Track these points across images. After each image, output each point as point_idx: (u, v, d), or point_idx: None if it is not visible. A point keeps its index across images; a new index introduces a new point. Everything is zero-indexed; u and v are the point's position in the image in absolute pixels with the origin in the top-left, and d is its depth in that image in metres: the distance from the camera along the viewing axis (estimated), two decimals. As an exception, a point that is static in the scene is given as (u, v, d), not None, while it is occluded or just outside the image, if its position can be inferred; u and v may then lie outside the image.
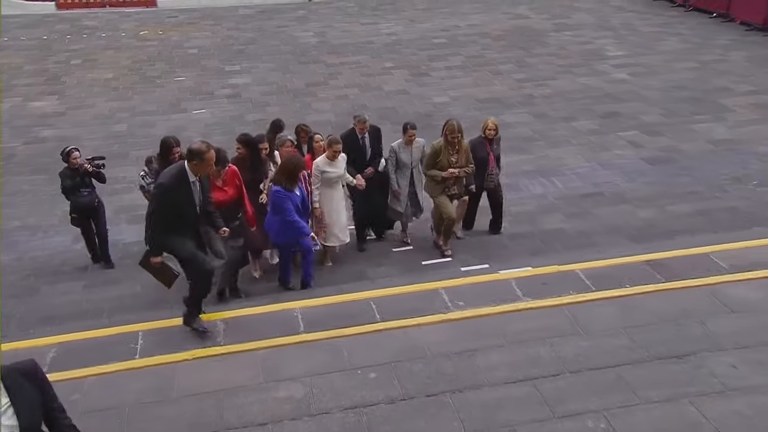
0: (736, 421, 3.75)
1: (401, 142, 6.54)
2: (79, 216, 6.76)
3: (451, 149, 6.32)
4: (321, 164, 6.13)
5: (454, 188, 6.48)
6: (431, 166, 6.39)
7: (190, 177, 4.42)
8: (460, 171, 6.35)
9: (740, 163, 8.48)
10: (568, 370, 4.21)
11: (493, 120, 6.85)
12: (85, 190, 6.67)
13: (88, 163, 6.66)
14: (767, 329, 4.42)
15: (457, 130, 6.26)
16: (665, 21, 14.75)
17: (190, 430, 3.85)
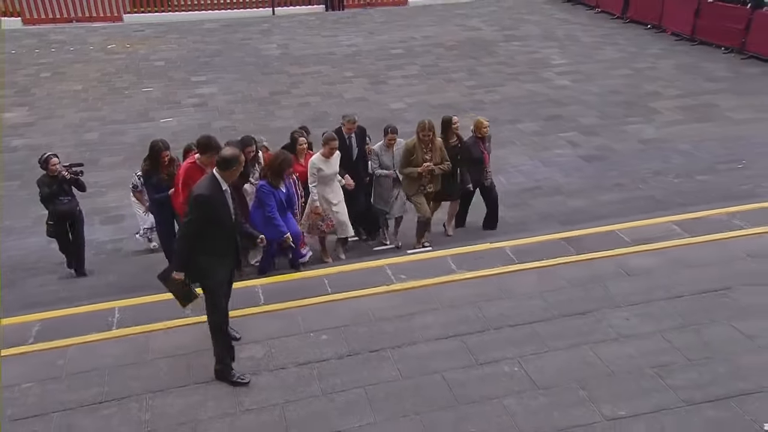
0: (624, 360, 4.52)
1: (382, 145, 6.70)
2: (57, 223, 6.63)
3: (425, 147, 6.46)
4: (317, 162, 6.16)
5: (430, 186, 6.61)
6: (406, 164, 6.53)
7: (223, 186, 4.25)
8: (436, 167, 6.49)
9: (663, 159, 9.42)
10: (491, 327, 4.93)
11: (486, 119, 7.07)
12: (64, 197, 6.57)
13: (66, 170, 6.56)
14: (655, 289, 5.23)
15: (428, 128, 6.38)
16: (605, 32, 15.86)
17: (162, 385, 4.45)
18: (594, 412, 4.11)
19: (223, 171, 4.23)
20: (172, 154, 6.21)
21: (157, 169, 6.05)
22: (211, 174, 4.28)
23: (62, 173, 6.45)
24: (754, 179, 8.28)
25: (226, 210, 4.28)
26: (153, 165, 6.03)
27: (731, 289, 5.18)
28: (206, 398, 4.32)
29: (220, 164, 4.24)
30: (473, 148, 6.95)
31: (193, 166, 5.41)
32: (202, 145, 5.35)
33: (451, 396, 4.29)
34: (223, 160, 4.24)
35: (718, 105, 11.27)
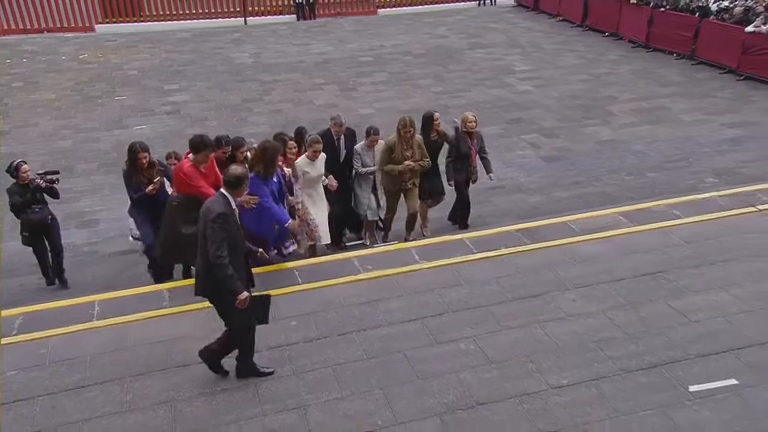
0: (570, 336, 4.97)
1: (364, 145, 6.71)
2: (32, 234, 6.46)
3: (405, 144, 6.49)
4: (302, 164, 6.17)
5: (410, 182, 6.69)
6: (386, 161, 6.55)
7: (232, 204, 4.29)
8: (416, 164, 6.56)
9: (618, 158, 9.98)
10: (450, 310, 5.34)
11: (473, 114, 7.06)
12: (36, 206, 6.37)
13: (41, 177, 6.37)
14: (600, 273, 5.70)
15: (409, 124, 6.41)
16: (566, 39, 16.55)
17: (142, 369, 4.74)
18: (541, 381, 4.53)
19: (232, 189, 4.26)
20: (153, 158, 6.18)
21: (136, 170, 6.03)
22: (220, 193, 4.28)
23: (37, 181, 6.31)
24: (698, 175, 8.90)
25: (237, 227, 4.30)
26: (131, 166, 6.03)
27: (668, 271, 5.68)
28: (184, 380, 4.63)
29: (229, 183, 4.25)
30: (461, 143, 6.95)
31: (192, 166, 5.44)
32: (195, 144, 5.38)
33: (412, 372, 4.67)
34: (235, 178, 4.24)
35: (670, 108, 11.93)
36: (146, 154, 6.01)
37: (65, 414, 4.34)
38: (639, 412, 4.24)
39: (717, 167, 9.14)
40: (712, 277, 5.56)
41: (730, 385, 4.40)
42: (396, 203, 6.93)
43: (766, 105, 11.58)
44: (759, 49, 12.47)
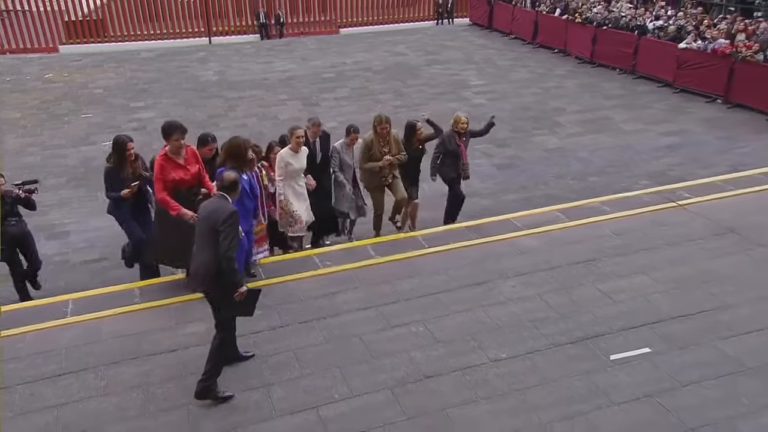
0: (509, 317, 5.51)
1: (343, 144, 6.81)
2: (9, 247, 6.24)
3: (382, 140, 6.68)
4: (285, 155, 6.23)
5: (390, 177, 6.87)
6: (366, 159, 6.73)
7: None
8: (394, 158, 6.76)
9: (564, 165, 10.73)
10: (402, 298, 5.84)
11: (465, 115, 7.32)
12: (12, 218, 6.20)
13: (19, 188, 6.23)
14: (538, 263, 6.29)
15: (385, 121, 6.63)
16: (518, 56, 17.50)
17: (115, 358, 5.09)
18: (482, 356, 5.06)
19: (230, 193, 4.48)
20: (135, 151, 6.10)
21: (124, 165, 5.90)
22: (223, 199, 4.45)
23: (15, 192, 6.19)
24: (633, 178, 9.67)
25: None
26: (119, 160, 5.87)
27: (597, 259, 6.31)
28: (155, 366, 4.99)
29: (226, 188, 4.47)
30: (449, 141, 7.15)
31: (163, 159, 5.44)
32: (163, 131, 5.39)
33: (367, 352, 5.14)
34: (231, 182, 4.48)
35: (612, 118, 12.81)
36: (133, 145, 5.97)
37: (43, 399, 4.66)
38: (566, 378, 4.79)
39: (651, 171, 9.95)
40: (635, 263, 6.21)
41: (644, 353, 5.00)
42: (383, 198, 7.06)
43: (698, 115, 12.58)
44: (692, 63, 13.53)
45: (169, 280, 6.28)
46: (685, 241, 6.53)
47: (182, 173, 5.52)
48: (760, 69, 12.14)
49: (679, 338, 5.14)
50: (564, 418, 4.42)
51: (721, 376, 4.73)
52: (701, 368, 4.81)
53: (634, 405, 4.52)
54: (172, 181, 5.48)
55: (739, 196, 7.45)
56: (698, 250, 6.37)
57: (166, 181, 5.47)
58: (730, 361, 4.87)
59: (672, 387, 4.66)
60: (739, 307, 5.47)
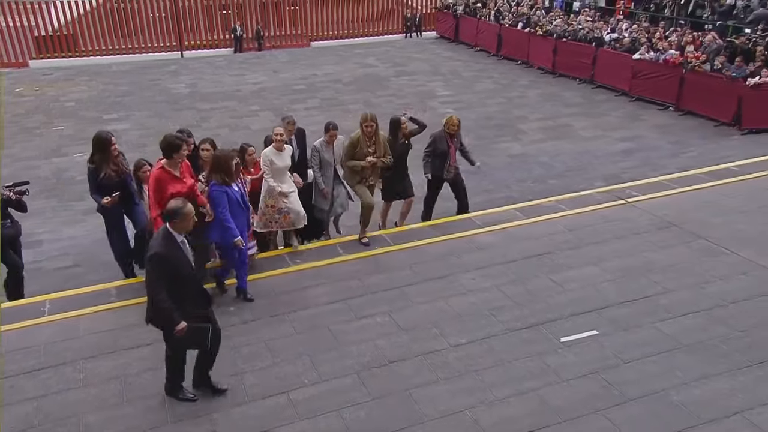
0: (468, 306, 5.89)
1: (323, 141, 6.75)
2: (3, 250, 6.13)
3: (368, 140, 6.56)
4: (269, 154, 6.25)
5: (371, 179, 6.80)
6: (350, 157, 6.64)
7: (177, 238, 4.30)
8: (379, 160, 6.64)
9: (526, 170, 11.23)
10: (369, 292, 6.17)
11: (456, 117, 7.45)
12: (6, 220, 6.16)
13: (10, 190, 6.18)
14: (496, 257, 6.70)
15: (370, 119, 6.51)
16: (482, 67, 18.14)
17: (93, 353, 5.31)
18: (443, 341, 5.41)
19: (173, 222, 4.25)
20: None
21: (108, 161, 5.82)
22: (164, 229, 4.31)
23: (6, 194, 6.10)
24: (590, 180, 10.20)
25: (185, 262, 4.32)
26: (103, 158, 5.76)
27: (552, 253, 6.75)
28: (132, 359, 5.23)
29: (168, 216, 4.28)
30: (440, 141, 7.27)
31: (162, 172, 5.36)
32: (170, 146, 5.33)
33: (335, 341, 5.46)
34: (169, 212, 4.27)
35: (572, 125, 13.43)
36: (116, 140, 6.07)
37: (23, 392, 4.85)
38: (520, 360, 5.17)
39: (607, 174, 10.50)
40: (586, 255, 6.66)
41: (591, 335, 5.42)
42: (367, 193, 6.90)
43: (652, 122, 13.27)
44: (646, 73, 14.27)
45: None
46: (631, 235, 7.02)
47: (179, 187, 5.37)
48: (707, 78, 12.90)
49: (623, 321, 5.58)
50: (517, 394, 4.80)
51: (659, 353, 5.17)
52: (642, 347, 5.24)
53: (581, 381, 4.92)
54: (169, 197, 5.20)
55: (682, 193, 8.00)
56: (643, 242, 6.86)
57: (163, 197, 5.24)
58: (667, 340, 5.31)
59: (615, 364, 5.07)
60: (677, 292, 5.95)
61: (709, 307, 5.69)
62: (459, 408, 4.68)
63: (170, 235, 4.29)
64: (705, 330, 5.41)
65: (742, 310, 5.64)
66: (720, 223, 7.14)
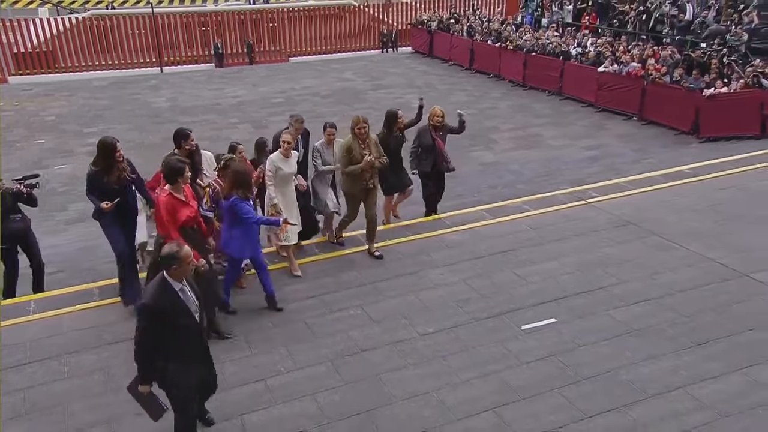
0: (437, 299, 6.24)
1: (323, 142, 6.76)
2: (11, 246, 6.06)
3: (361, 143, 6.50)
4: (276, 160, 6.11)
5: (371, 181, 6.71)
6: (346, 162, 6.52)
7: (175, 286, 3.87)
8: (376, 160, 6.57)
9: (498, 176, 11.71)
10: (343, 288, 6.49)
11: (440, 108, 7.47)
12: (15, 215, 6.06)
13: (20, 183, 6.04)
14: (464, 254, 7.07)
15: (363, 121, 6.47)
16: (456, 80, 18.76)
17: (76, 348, 5.54)
18: (412, 331, 5.75)
19: (169, 270, 3.83)
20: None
21: (112, 168, 5.57)
22: (159, 277, 3.89)
23: (16, 187, 6.00)
24: (557, 185, 10.65)
25: (184, 313, 3.90)
26: (107, 165, 5.55)
27: (516, 249, 7.15)
28: (115, 353, 5.46)
29: (162, 263, 3.88)
30: (424, 135, 7.33)
31: (170, 198, 5.16)
32: (167, 173, 5.11)
33: (310, 333, 5.76)
34: (164, 259, 3.84)
35: (542, 135, 13.98)
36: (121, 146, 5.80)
37: (10, 385, 5.07)
38: (484, 346, 5.52)
39: (573, 179, 10.99)
40: (547, 252, 7.07)
41: (550, 323, 5.80)
42: (358, 207, 6.98)
43: (616, 131, 13.89)
44: (610, 85, 14.93)
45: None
46: (590, 232, 7.47)
47: (188, 211, 5.24)
48: (667, 90, 13.56)
49: (579, 310, 5.98)
50: (480, 376, 5.15)
51: (611, 337, 5.56)
52: (596, 332, 5.64)
53: (539, 363, 5.28)
54: (183, 220, 5.19)
55: (639, 194, 8.50)
56: (601, 239, 7.30)
57: (177, 220, 5.16)
58: (619, 325, 5.72)
59: (571, 348, 5.46)
60: (630, 283, 6.37)
61: (659, 296, 6.12)
62: (426, 390, 5.01)
63: (166, 283, 3.86)
64: (654, 316, 5.83)
65: (688, 297, 6.08)
66: (673, 220, 7.63)
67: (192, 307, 3.97)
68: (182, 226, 5.20)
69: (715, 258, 6.72)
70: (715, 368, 5.11)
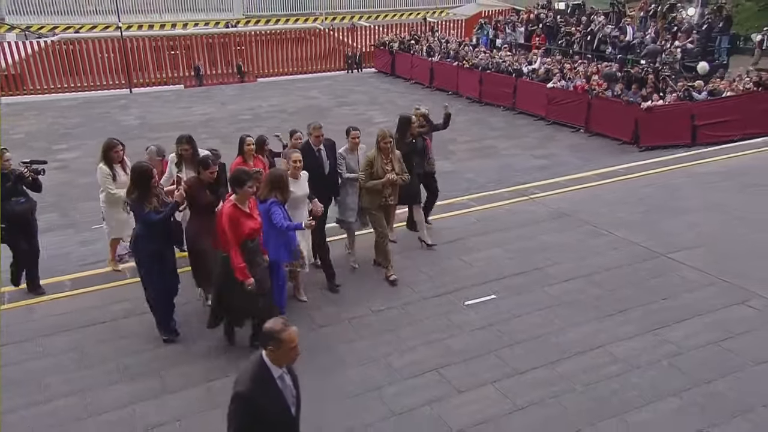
0: (390, 282, 6.82)
1: (347, 149, 6.61)
2: (12, 227, 5.98)
3: (385, 158, 6.43)
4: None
5: (392, 198, 6.62)
6: (369, 177, 6.40)
7: (274, 372, 3.20)
8: (398, 178, 6.46)
9: (454, 183, 12.35)
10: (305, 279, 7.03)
11: (426, 109, 7.66)
12: (20, 198, 6.00)
13: (26, 166, 6.00)
14: (415, 244, 7.68)
15: (389, 135, 6.41)
16: (417, 97, 19.56)
17: (50, 331, 5.93)
18: (366, 308, 6.28)
19: (272, 352, 3.16)
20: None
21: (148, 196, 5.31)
22: (258, 359, 3.21)
23: (21, 170, 5.96)
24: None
25: (280, 403, 3.26)
26: (143, 194, 5.27)
27: (464, 239, 7.80)
28: (88, 335, 5.88)
29: (264, 341, 3.19)
30: (417, 140, 7.35)
31: (234, 209, 5.02)
32: (233, 182, 5.05)
33: (271, 313, 6.26)
34: (267, 336, 3.15)
35: (496, 146, 14.84)
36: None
37: (-14, 364, 5.45)
38: (430, 319, 6.11)
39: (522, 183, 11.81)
40: (491, 240, 7.74)
41: (490, 299, 6.43)
42: (384, 221, 6.77)
43: (564, 142, 14.85)
44: (559, 100, 15.95)
45: (99, 272, 7.18)
46: (531, 223, 8.18)
47: (252, 224, 5.08)
48: (609, 103, 14.62)
49: (517, 287, 6.63)
50: (425, 344, 5.72)
51: (544, 308, 6.21)
52: (530, 305, 6.28)
53: (479, 331, 5.89)
54: (246, 233, 5.03)
55: (575, 190, 9.32)
56: (540, 229, 8.02)
57: (240, 236, 5.00)
58: (551, 299, 6.38)
59: (508, 318, 6.08)
60: (563, 264, 7.07)
61: (587, 274, 6.83)
62: (376, 357, 5.55)
63: (264, 368, 3.19)
64: (582, 291, 6.52)
65: (612, 275, 6.80)
66: (604, 212, 8.42)
67: (290, 400, 3.31)
68: (245, 240, 5.04)
69: (638, 242, 7.49)
70: (630, 330, 5.80)
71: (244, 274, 5.09)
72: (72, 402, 5.02)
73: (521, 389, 5.07)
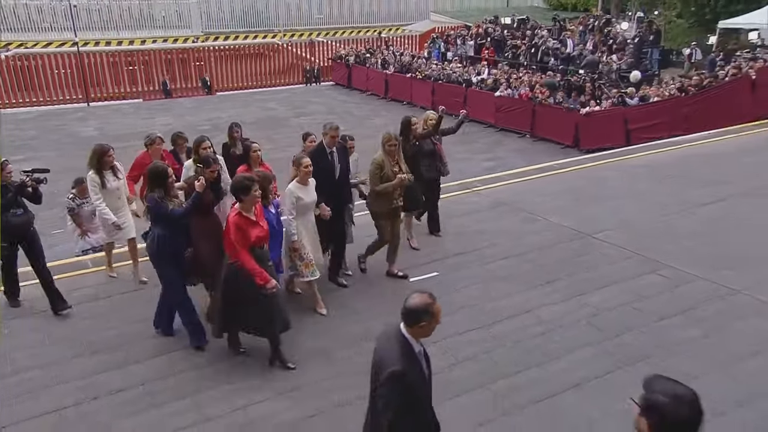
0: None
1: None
2: (10, 244, 5.68)
3: (392, 160, 6.38)
4: (295, 190, 5.54)
5: (399, 200, 6.60)
6: (378, 181, 6.28)
7: (415, 348, 3.05)
8: (406, 178, 6.41)
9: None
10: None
11: (433, 113, 7.67)
12: (17, 209, 5.69)
13: (27, 176, 5.71)
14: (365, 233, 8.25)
15: (394, 138, 6.36)
16: (373, 108, 20.44)
17: (15, 315, 6.23)
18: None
19: (411, 327, 3.01)
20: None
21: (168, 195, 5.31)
22: (399, 336, 3.04)
23: (22, 178, 5.68)
24: (456, 187, 12.18)
25: (424, 379, 3.11)
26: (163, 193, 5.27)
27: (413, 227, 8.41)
28: (54, 318, 6.20)
29: (416, 318, 3.00)
30: (425, 142, 7.46)
31: (239, 218, 4.88)
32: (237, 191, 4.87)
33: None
34: (420, 312, 2.99)
35: (448, 151, 15.51)
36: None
37: (-44, 342, 5.72)
38: (379, 295, 6.65)
39: (470, 183, 12.55)
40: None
41: (433, 276, 7.03)
42: (389, 228, 6.75)
43: (511, 147, 15.80)
44: (506, 107, 16.91)
45: (58, 263, 7.49)
46: (474, 212, 8.87)
47: (258, 231, 4.96)
48: (551, 110, 15.62)
49: (457, 265, 7.25)
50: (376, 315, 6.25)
51: (480, 282, 6.84)
52: (469, 279, 6.91)
53: (421, 303, 6.46)
54: (251, 243, 4.92)
55: (515, 183, 10.10)
56: (482, 216, 8.71)
57: (248, 243, 4.89)
58: (488, 274, 7.02)
59: (447, 291, 6.67)
60: (500, 245, 7.75)
61: (521, 253, 7.52)
62: (326, 327, 6.05)
63: (408, 344, 3.03)
64: (516, 267, 7.19)
65: (543, 253, 7.50)
66: (539, 201, 9.18)
67: (428, 376, 3.17)
68: (252, 247, 4.94)
69: (568, 225, 8.25)
70: (556, 297, 6.48)
71: (264, 277, 4.89)
72: (38, 374, 5.36)
73: (460, 347, 5.66)
